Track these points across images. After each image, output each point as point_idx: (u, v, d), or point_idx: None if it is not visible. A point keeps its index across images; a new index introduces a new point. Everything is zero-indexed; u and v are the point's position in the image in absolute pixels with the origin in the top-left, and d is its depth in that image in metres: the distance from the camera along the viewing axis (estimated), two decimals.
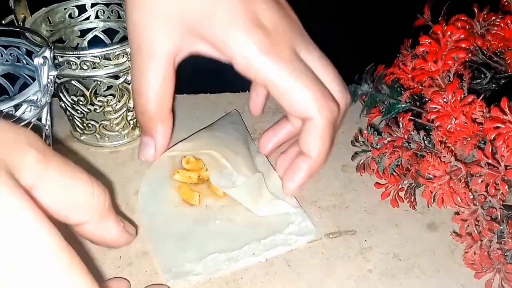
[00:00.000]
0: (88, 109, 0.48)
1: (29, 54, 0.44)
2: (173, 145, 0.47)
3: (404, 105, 0.45)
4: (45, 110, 0.42)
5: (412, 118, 0.42)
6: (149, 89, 0.42)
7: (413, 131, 0.42)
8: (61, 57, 0.44)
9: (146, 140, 0.45)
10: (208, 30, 0.40)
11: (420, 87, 0.44)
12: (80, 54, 0.44)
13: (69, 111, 0.49)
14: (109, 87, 0.51)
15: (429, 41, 0.43)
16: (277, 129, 0.48)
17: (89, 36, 0.54)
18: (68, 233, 0.25)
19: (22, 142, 0.24)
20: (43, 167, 0.25)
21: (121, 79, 0.47)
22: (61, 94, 0.48)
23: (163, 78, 0.42)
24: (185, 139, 0.48)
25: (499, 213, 0.36)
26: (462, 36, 0.43)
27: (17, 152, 0.24)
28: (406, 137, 0.42)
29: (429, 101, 0.41)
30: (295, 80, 0.40)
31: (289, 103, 0.41)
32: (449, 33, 0.43)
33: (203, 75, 0.50)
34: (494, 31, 0.47)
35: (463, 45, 0.43)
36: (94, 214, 0.28)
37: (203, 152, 0.45)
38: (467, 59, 0.43)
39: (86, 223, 0.28)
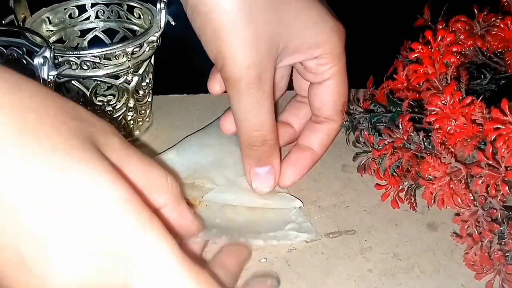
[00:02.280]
0: (88, 109, 0.48)
1: (29, 54, 0.44)
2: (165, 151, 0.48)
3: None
4: None
5: (412, 123, 0.42)
6: (270, 120, 0.42)
7: (412, 132, 0.42)
8: (61, 57, 0.44)
9: (263, 171, 0.43)
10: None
11: (417, 94, 0.44)
12: (80, 54, 0.44)
13: None
14: (109, 87, 0.51)
15: (421, 47, 0.43)
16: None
17: (89, 36, 0.53)
18: None
19: (108, 129, 0.28)
20: (125, 152, 0.28)
21: (121, 79, 0.47)
22: (61, 94, 0.48)
23: (273, 104, 0.42)
24: (176, 144, 0.49)
25: (499, 214, 0.36)
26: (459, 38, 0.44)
27: (104, 135, 0.27)
28: (405, 138, 0.42)
29: (428, 104, 0.41)
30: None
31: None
32: (440, 37, 0.43)
33: (203, 75, 0.50)
34: (494, 32, 0.47)
35: (454, 49, 0.43)
36: (170, 197, 0.31)
37: (187, 183, 0.45)
38: (460, 63, 0.43)
39: (164, 207, 0.30)
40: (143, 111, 0.51)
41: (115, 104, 0.48)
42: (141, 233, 0.24)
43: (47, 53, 0.39)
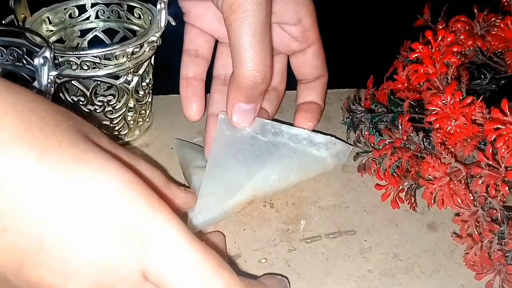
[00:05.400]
0: (88, 109, 0.48)
1: (30, 54, 0.44)
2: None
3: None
4: None
5: (413, 123, 0.42)
6: (271, 58, 0.42)
7: (412, 133, 0.42)
8: (61, 57, 0.44)
9: (248, 107, 0.44)
10: None
11: (417, 94, 0.44)
12: (80, 54, 0.44)
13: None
14: (109, 87, 0.51)
15: (421, 47, 0.43)
16: None
17: (89, 36, 0.53)
18: None
19: (97, 130, 0.30)
20: (115, 150, 0.30)
21: (121, 79, 0.47)
22: (61, 94, 0.48)
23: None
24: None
25: (499, 214, 0.36)
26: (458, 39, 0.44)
27: (95, 134, 0.29)
28: (404, 138, 0.42)
29: (428, 104, 0.41)
30: None
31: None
32: (440, 37, 0.43)
33: None
34: (494, 32, 0.47)
35: (455, 49, 0.43)
36: (159, 185, 0.33)
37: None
38: (460, 63, 0.43)
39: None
40: (143, 111, 0.51)
41: (115, 104, 0.48)
42: (152, 212, 0.25)
43: (47, 53, 0.39)
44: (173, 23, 0.49)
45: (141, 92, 0.50)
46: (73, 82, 0.46)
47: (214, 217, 0.42)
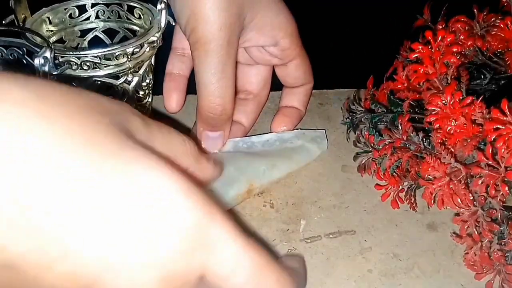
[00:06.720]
0: None
1: (30, 54, 0.44)
2: None
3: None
4: None
5: (413, 123, 0.42)
6: (231, 91, 0.44)
7: (412, 133, 0.42)
8: (62, 57, 0.44)
9: (215, 135, 0.47)
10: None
11: (417, 95, 0.44)
12: (80, 54, 0.44)
13: None
14: (109, 87, 0.51)
15: (421, 47, 0.43)
16: None
17: (90, 36, 0.53)
18: None
19: (128, 111, 0.28)
20: (148, 130, 0.28)
21: (121, 80, 0.47)
22: None
23: (235, 76, 0.45)
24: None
25: (499, 214, 0.36)
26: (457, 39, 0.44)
27: (129, 120, 0.27)
28: (404, 138, 0.42)
29: (428, 104, 0.41)
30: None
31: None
32: (440, 37, 0.43)
33: None
34: (494, 32, 0.47)
35: (455, 49, 0.43)
36: (191, 159, 0.33)
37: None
38: (460, 63, 0.43)
39: (188, 168, 0.32)
40: (143, 112, 0.51)
41: None
42: (210, 217, 0.25)
43: (48, 54, 0.39)
44: (173, 23, 0.49)
45: (141, 92, 0.50)
46: (73, 82, 0.46)
47: None
